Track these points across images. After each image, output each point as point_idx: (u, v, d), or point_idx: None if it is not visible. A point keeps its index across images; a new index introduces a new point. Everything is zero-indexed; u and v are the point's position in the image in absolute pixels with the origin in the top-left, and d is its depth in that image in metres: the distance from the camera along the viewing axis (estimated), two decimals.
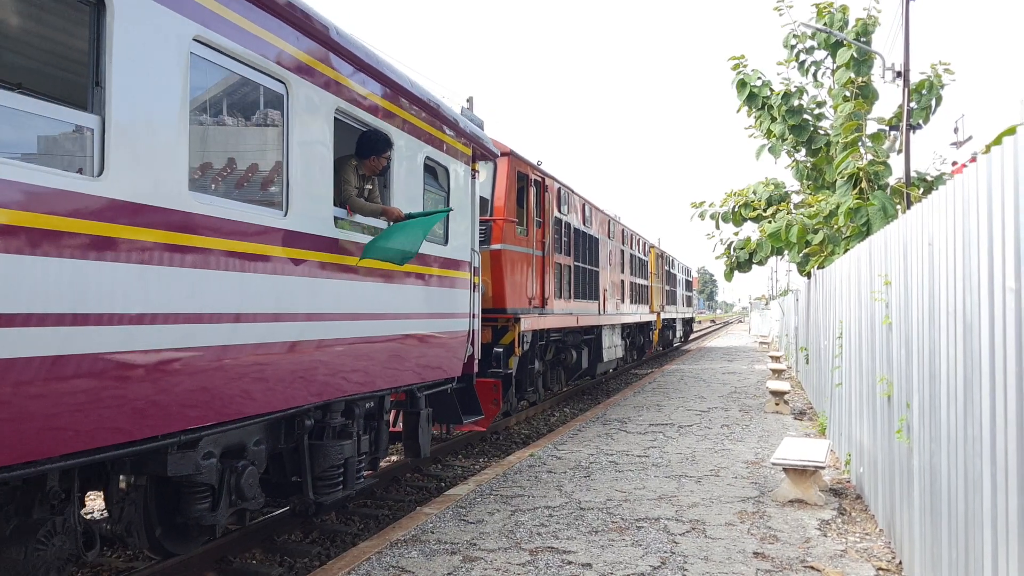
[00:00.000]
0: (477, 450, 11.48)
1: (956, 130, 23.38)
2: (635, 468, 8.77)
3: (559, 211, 14.27)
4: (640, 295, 23.82)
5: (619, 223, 20.83)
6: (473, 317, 8.75)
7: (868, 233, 10.87)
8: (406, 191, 7.09)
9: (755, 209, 16.22)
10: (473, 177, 8.88)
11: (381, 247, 6.27)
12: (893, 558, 5.69)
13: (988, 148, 3.43)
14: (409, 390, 7.74)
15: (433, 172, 7.87)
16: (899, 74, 13.82)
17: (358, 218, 6.37)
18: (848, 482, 8.12)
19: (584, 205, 16.50)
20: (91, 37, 3.97)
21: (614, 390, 19.69)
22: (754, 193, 16.48)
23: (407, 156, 7.15)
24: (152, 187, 4.17)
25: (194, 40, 4.47)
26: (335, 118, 5.98)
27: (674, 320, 34.50)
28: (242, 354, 4.96)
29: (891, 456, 5.88)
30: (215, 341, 4.70)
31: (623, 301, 20.82)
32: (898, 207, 11.86)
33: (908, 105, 13.53)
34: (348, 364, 6.29)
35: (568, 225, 15.03)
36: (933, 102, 14.89)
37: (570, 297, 15.13)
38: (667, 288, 30.88)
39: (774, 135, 15.76)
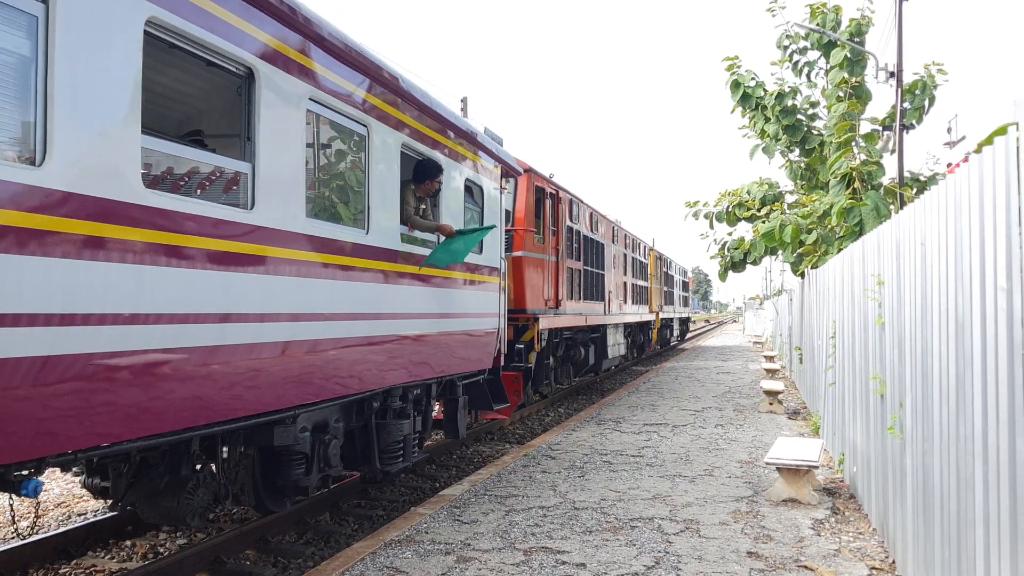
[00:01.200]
0: (471, 450, 11.48)
1: (949, 130, 23.46)
2: (629, 468, 8.78)
3: (570, 220, 15.64)
4: (640, 296, 24.86)
5: (622, 228, 22.10)
6: (501, 317, 10.03)
7: (861, 233, 10.90)
8: (451, 208, 8.39)
9: (749, 209, 16.24)
10: (501, 193, 10.23)
11: (438, 257, 7.65)
12: (886, 557, 5.71)
13: (980, 148, 3.44)
14: (451, 380, 8.95)
15: (470, 191, 9.14)
16: (892, 74, 13.87)
17: (416, 233, 7.64)
18: (841, 481, 8.14)
19: (592, 214, 17.81)
20: (243, 102, 5.29)
21: (609, 390, 19.70)
22: (748, 193, 16.49)
23: (452, 178, 8.44)
24: (284, 216, 5.50)
25: (310, 100, 5.84)
26: (400, 151, 7.29)
27: (672, 319, 35.68)
28: (329, 346, 6.16)
29: (884, 455, 5.89)
30: (316, 335, 5.94)
31: (625, 302, 22.06)
32: (891, 207, 11.89)
33: (901, 105, 13.58)
34: (407, 356, 7.52)
35: (578, 232, 16.38)
36: (926, 102, 14.93)
37: (580, 298, 16.43)
38: (665, 289, 31.97)
39: (768, 135, 15.78)
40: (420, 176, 7.76)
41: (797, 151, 15.96)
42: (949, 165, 14.38)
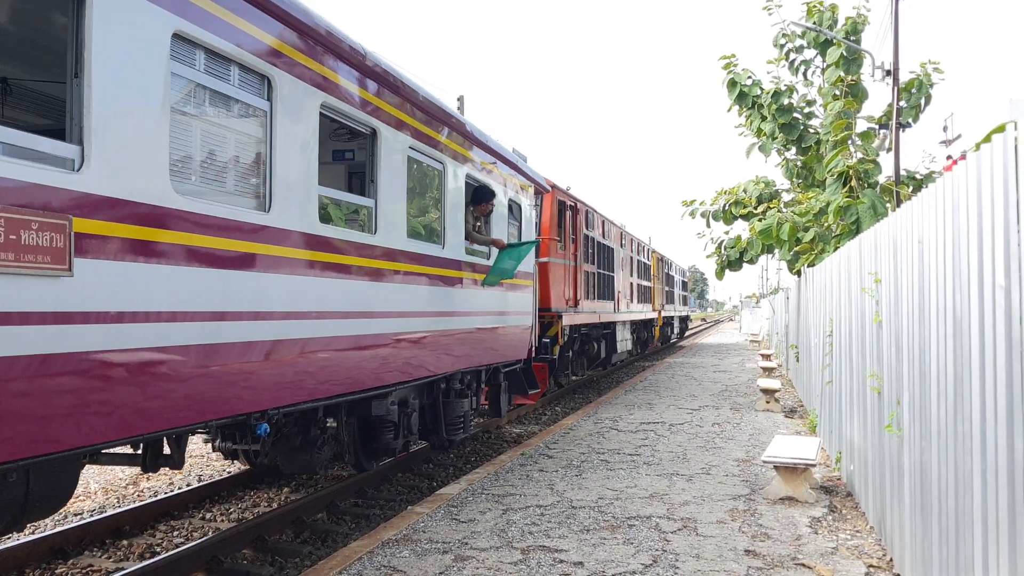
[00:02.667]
0: (468, 449, 11.47)
1: (946, 128, 23.46)
2: (627, 466, 8.78)
3: (586, 228, 17.59)
4: (644, 295, 26.57)
5: (629, 233, 23.93)
6: (533, 315, 11.94)
7: (858, 231, 10.90)
8: (499, 225, 10.28)
9: (746, 207, 16.25)
10: (534, 210, 12.40)
11: (496, 275, 9.46)
12: (884, 555, 5.71)
13: (978, 146, 3.44)
14: (496, 367, 10.75)
15: (511, 208, 11.00)
16: (889, 73, 13.89)
17: (475, 247, 9.43)
18: (839, 479, 8.15)
19: (603, 222, 19.73)
20: (368, 154, 7.15)
21: (605, 388, 19.70)
22: (744, 191, 16.50)
23: (500, 201, 10.28)
24: (395, 238, 7.33)
25: (410, 148, 7.62)
26: (465, 181, 9.03)
27: (672, 318, 37.65)
28: (417, 337, 7.87)
29: (881, 453, 5.90)
30: (410, 328, 7.72)
31: (632, 301, 23.87)
32: (888, 205, 11.91)
33: (898, 103, 13.59)
34: (467, 347, 9.23)
35: (592, 239, 18.30)
36: (922, 101, 14.95)
37: (594, 298, 18.25)
38: (666, 289, 33.70)
39: (764, 134, 15.79)
40: (477, 199, 9.52)
41: (793, 149, 15.98)
42: (949, 158, 14.41)
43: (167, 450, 5.66)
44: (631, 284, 23.79)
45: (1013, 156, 3.06)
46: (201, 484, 8.46)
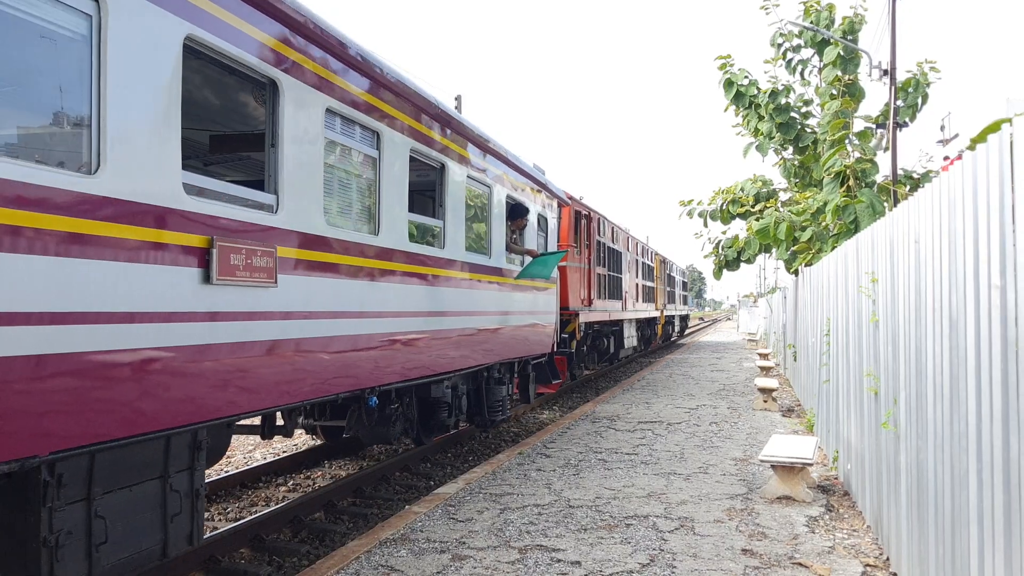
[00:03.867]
0: (466, 448, 11.47)
1: (943, 128, 23.51)
2: (624, 466, 8.78)
3: (598, 235, 19.28)
4: (648, 295, 28.23)
5: (634, 238, 25.63)
6: (556, 314, 13.64)
7: (855, 230, 10.92)
8: (531, 236, 12.00)
9: (743, 206, 16.26)
10: (559, 221, 14.79)
11: (528, 273, 11.23)
12: (880, 554, 5.72)
13: (973, 144, 3.44)
14: (526, 360, 12.39)
15: (539, 221, 12.73)
16: (886, 72, 13.90)
17: (512, 256, 11.03)
18: (836, 479, 8.16)
19: (613, 228, 21.47)
20: (438, 182, 8.70)
21: (603, 388, 19.71)
22: (742, 190, 16.51)
23: (532, 214, 12.05)
24: (457, 250, 8.96)
25: (468, 176, 9.35)
26: (506, 201, 10.81)
27: (673, 316, 39.48)
28: (470, 332, 9.48)
29: (878, 453, 5.91)
30: (468, 325, 9.36)
31: (637, 300, 25.48)
32: (885, 204, 11.92)
33: (895, 103, 13.61)
34: (505, 341, 10.93)
35: (603, 244, 19.94)
36: (919, 100, 14.97)
37: (605, 298, 19.81)
38: (668, 289, 35.37)
39: (761, 133, 15.80)
40: (514, 215, 11.22)
41: (791, 149, 15.98)
42: (947, 158, 14.43)
43: (280, 421, 7.35)
44: (637, 285, 25.37)
45: (1009, 155, 3.06)
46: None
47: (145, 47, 4.35)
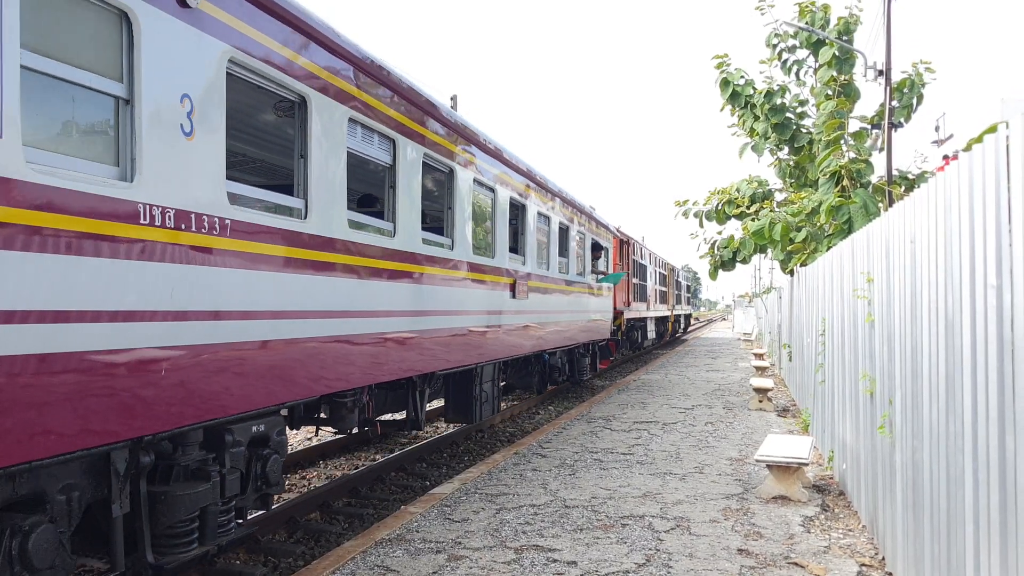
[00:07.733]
0: (462, 448, 11.46)
1: (937, 128, 23.54)
2: (620, 466, 8.78)
3: (632, 254, 25.56)
4: (663, 298, 35.07)
5: (654, 253, 32.05)
6: (611, 311, 19.30)
7: (850, 231, 10.93)
8: (602, 262, 18.30)
9: (739, 207, 16.27)
10: (612, 250, 20.42)
11: (604, 283, 17.96)
12: (876, 554, 5.73)
13: (970, 146, 3.45)
14: (595, 342, 18.08)
15: (597, 250, 18.28)
16: (881, 72, 13.90)
17: (590, 275, 16.64)
18: (831, 478, 8.17)
19: (641, 248, 27.97)
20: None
21: (599, 388, 19.71)
22: (738, 191, 16.52)
23: (601, 247, 18.33)
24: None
25: (578, 232, 15.91)
26: (590, 242, 17.14)
27: (680, 315, 47.15)
28: (562, 327, 14.13)
29: (874, 452, 5.91)
30: (569, 320, 14.76)
31: (656, 302, 31.84)
32: (880, 205, 11.94)
33: (890, 103, 13.62)
34: (588, 329, 16.56)
35: (636, 261, 26.31)
36: (915, 100, 15.00)
37: (637, 301, 25.96)
38: (676, 292, 42.33)
39: (757, 133, 15.81)
40: (595, 250, 17.64)
41: (786, 149, 16.00)
42: (945, 158, 14.45)
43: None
44: (656, 290, 31.82)
45: (1005, 156, 3.06)
46: None
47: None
